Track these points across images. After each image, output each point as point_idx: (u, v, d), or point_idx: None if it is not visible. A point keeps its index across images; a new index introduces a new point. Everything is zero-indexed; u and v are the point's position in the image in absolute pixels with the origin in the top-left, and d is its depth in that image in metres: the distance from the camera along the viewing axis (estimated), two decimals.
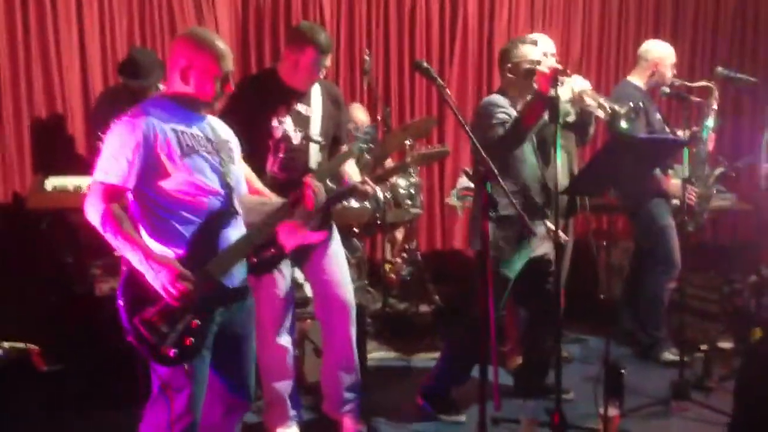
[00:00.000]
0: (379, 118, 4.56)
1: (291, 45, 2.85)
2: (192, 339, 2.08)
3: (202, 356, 2.14)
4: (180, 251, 2.10)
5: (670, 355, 3.91)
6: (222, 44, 2.18)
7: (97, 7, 4.45)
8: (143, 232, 2.11)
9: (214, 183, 2.16)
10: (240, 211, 2.25)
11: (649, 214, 3.94)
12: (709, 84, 3.97)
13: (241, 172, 2.33)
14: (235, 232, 2.21)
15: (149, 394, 2.17)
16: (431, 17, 5.17)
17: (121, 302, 2.07)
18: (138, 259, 2.02)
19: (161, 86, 2.22)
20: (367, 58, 4.48)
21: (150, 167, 2.06)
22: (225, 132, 2.31)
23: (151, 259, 2.02)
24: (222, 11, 4.79)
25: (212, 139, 2.21)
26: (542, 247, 3.26)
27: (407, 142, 4.38)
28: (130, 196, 2.10)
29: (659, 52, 3.99)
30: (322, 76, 2.87)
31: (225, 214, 2.19)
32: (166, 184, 2.08)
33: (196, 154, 2.13)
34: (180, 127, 2.12)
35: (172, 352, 2.05)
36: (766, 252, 4.57)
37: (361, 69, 4.66)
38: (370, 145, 2.68)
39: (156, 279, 2.01)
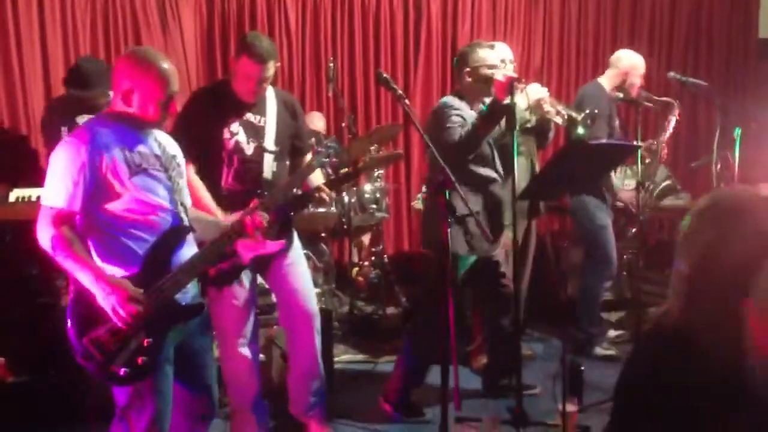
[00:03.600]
0: (343, 124, 4.62)
1: (235, 54, 2.83)
2: (144, 358, 2.04)
3: (165, 371, 2.13)
4: (133, 269, 2.08)
5: (602, 350, 4.03)
6: (167, 66, 2.11)
7: (60, 13, 4.44)
8: (94, 252, 2.08)
9: (164, 200, 2.13)
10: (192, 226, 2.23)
11: (587, 215, 4.04)
12: (671, 100, 4.11)
13: (186, 186, 2.30)
14: (189, 248, 2.20)
15: (113, 409, 2.16)
16: (395, 24, 5.26)
17: (69, 322, 2.04)
18: (88, 280, 1.99)
19: (111, 93, 2.21)
20: (331, 65, 4.53)
21: (97, 188, 2.03)
22: (172, 147, 2.26)
23: (101, 281, 1.99)
24: (187, 18, 4.80)
25: (160, 156, 2.17)
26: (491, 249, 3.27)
27: (372, 148, 4.45)
28: (78, 216, 2.06)
29: (631, 60, 4.08)
30: (263, 87, 2.78)
31: (177, 230, 2.17)
32: (115, 204, 2.05)
33: (144, 172, 2.09)
34: (127, 146, 2.08)
35: (123, 371, 2.03)
36: None
37: (326, 76, 4.71)
38: (333, 158, 2.63)
39: (106, 300, 1.99)
